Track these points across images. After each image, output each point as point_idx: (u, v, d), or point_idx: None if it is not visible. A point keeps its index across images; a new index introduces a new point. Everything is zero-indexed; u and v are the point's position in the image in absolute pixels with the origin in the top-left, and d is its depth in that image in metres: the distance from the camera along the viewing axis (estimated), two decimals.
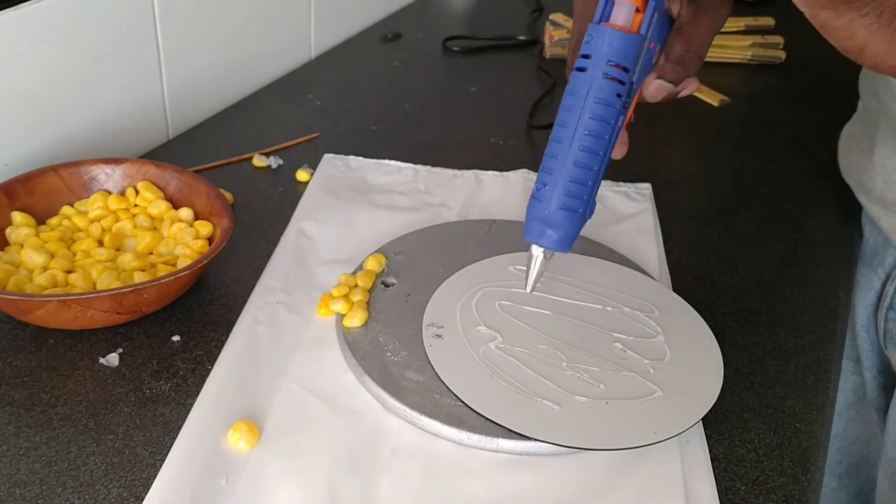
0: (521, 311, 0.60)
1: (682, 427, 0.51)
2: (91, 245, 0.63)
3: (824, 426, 0.55)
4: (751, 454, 0.52)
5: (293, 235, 0.69)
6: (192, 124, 0.89)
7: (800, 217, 0.78)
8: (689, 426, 0.52)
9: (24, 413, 0.52)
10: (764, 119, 0.98)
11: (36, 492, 0.47)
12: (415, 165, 0.81)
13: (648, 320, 0.60)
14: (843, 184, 0.81)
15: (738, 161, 0.88)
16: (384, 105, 0.94)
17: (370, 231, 0.70)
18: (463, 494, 0.48)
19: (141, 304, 0.57)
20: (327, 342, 0.58)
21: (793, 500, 0.50)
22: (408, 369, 0.55)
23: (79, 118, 0.77)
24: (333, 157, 0.81)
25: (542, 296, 0.61)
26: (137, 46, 0.80)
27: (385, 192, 0.76)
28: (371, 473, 0.49)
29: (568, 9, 1.14)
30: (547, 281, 0.63)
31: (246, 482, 0.48)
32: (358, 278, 0.62)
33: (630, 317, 0.60)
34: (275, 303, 0.62)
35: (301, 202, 0.74)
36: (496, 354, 0.56)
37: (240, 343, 0.58)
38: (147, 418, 0.52)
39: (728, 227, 0.76)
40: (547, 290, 0.62)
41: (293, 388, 0.54)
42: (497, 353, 0.56)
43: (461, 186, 0.78)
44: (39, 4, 0.69)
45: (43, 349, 0.57)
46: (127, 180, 0.69)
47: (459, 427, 0.51)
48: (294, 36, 1.04)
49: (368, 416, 0.53)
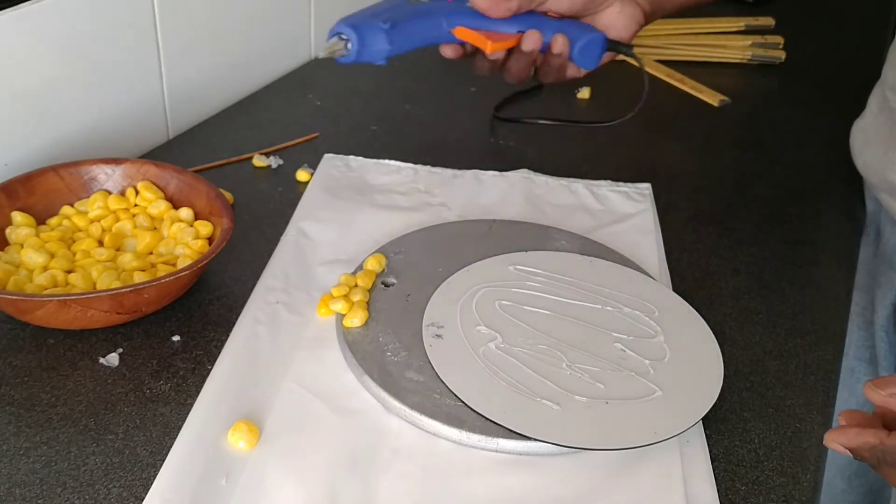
0: (521, 311, 0.60)
1: (682, 427, 0.51)
2: (91, 245, 0.63)
3: (824, 426, 0.55)
4: (751, 454, 0.52)
5: (293, 235, 0.69)
6: (192, 124, 0.89)
7: (800, 217, 0.78)
8: (689, 426, 0.52)
9: (24, 413, 0.52)
10: (764, 119, 0.98)
11: (36, 492, 0.47)
12: (415, 165, 0.81)
13: (648, 320, 0.60)
14: (843, 184, 0.81)
15: (738, 161, 0.88)
16: (384, 105, 0.94)
17: (370, 231, 0.70)
18: (463, 494, 0.48)
19: (141, 304, 0.57)
20: (327, 342, 0.58)
21: (793, 500, 0.50)
22: (408, 369, 0.55)
23: (79, 118, 0.77)
24: (333, 157, 0.81)
25: (542, 296, 0.61)
26: (137, 46, 0.80)
27: (385, 192, 0.76)
28: (371, 473, 0.49)
29: None
30: (547, 281, 0.63)
31: (246, 482, 0.48)
32: (358, 278, 0.62)
33: (630, 317, 0.60)
34: (275, 302, 0.62)
35: (301, 202, 0.74)
36: (496, 354, 0.56)
37: (240, 343, 0.58)
38: (147, 418, 0.52)
39: (728, 227, 0.76)
40: (547, 289, 0.62)
41: (293, 387, 0.54)
42: (497, 353, 0.56)
43: (461, 186, 0.78)
44: (39, 4, 0.69)
45: (43, 349, 0.57)
46: (127, 180, 0.69)
47: (459, 427, 0.51)
48: (294, 36, 1.04)
49: (368, 415, 0.53)
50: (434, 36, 0.69)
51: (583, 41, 0.69)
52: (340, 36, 0.66)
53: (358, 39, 0.65)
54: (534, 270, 0.64)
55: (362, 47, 0.66)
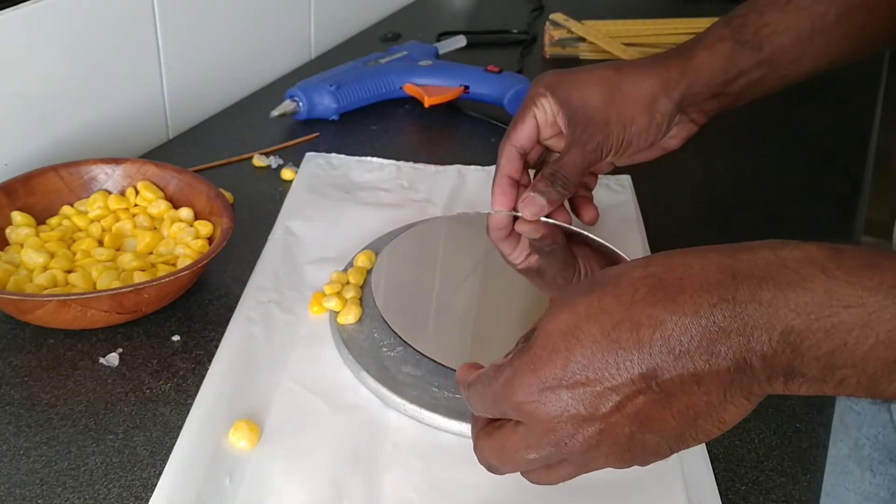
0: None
1: None
2: (91, 245, 0.63)
3: (824, 426, 0.55)
4: (751, 454, 0.52)
5: (280, 235, 0.69)
6: (192, 124, 0.89)
7: (799, 217, 0.78)
8: None
9: (24, 413, 0.52)
10: (764, 119, 0.97)
11: (36, 492, 0.47)
12: (397, 162, 0.81)
13: None
14: (842, 184, 0.81)
15: (738, 161, 0.88)
16: (384, 105, 0.94)
17: (357, 228, 0.70)
18: (465, 486, 0.48)
19: (141, 304, 0.57)
20: (322, 339, 0.58)
21: (793, 500, 0.50)
22: (405, 364, 0.55)
23: (79, 118, 0.77)
24: (316, 156, 0.81)
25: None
26: (137, 46, 0.80)
27: (369, 189, 0.77)
28: (374, 468, 0.49)
29: (569, 8, 1.14)
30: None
31: (250, 481, 0.48)
32: (349, 275, 0.62)
33: None
34: (267, 302, 0.62)
35: (286, 201, 0.74)
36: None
37: (235, 343, 0.58)
38: (147, 418, 0.52)
39: (727, 228, 0.75)
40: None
41: (291, 386, 0.55)
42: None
43: (444, 181, 0.78)
44: (39, 4, 0.69)
45: (43, 349, 0.57)
46: (127, 180, 0.69)
47: (459, 419, 0.51)
48: (294, 36, 1.04)
49: (368, 411, 0.53)
50: (385, 91, 0.91)
51: (512, 92, 0.88)
52: (293, 98, 0.87)
53: (307, 100, 0.86)
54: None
55: (311, 106, 0.87)
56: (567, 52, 1.10)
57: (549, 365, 0.37)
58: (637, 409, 0.36)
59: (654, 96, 0.60)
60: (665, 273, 0.37)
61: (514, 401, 0.38)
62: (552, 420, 0.37)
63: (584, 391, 0.36)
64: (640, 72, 0.61)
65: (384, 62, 0.94)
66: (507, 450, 0.40)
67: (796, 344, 0.34)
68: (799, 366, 0.35)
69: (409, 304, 0.60)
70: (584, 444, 0.37)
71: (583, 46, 1.10)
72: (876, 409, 0.76)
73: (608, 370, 0.36)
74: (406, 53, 0.96)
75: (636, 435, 0.37)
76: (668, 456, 0.38)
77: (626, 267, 0.38)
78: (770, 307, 0.34)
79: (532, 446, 0.38)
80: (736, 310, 0.35)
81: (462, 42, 1.06)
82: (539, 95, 0.61)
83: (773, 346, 0.35)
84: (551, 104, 0.61)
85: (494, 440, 0.40)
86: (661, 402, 0.36)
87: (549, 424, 0.37)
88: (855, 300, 0.34)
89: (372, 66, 0.93)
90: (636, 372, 0.36)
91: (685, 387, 0.36)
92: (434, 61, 0.95)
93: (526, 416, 0.38)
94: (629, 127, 0.60)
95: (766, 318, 0.34)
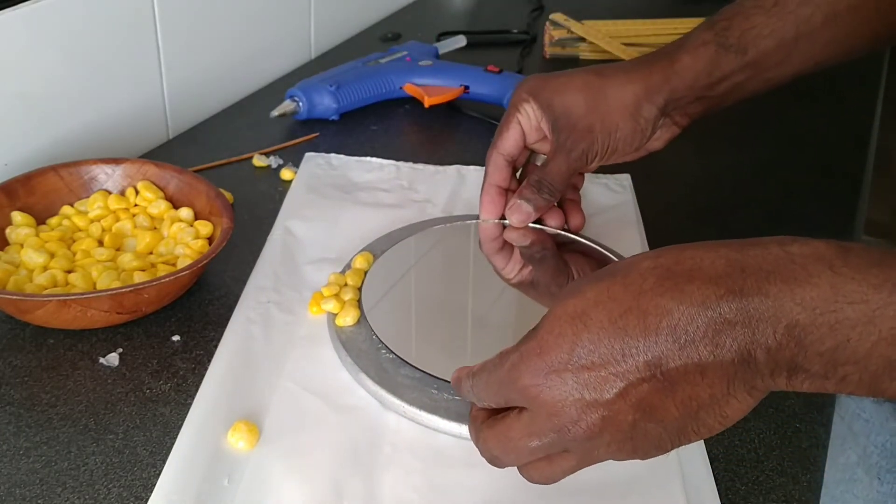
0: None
1: None
2: (91, 245, 0.63)
3: (824, 426, 0.55)
4: (751, 454, 0.52)
5: (280, 235, 0.69)
6: (192, 124, 0.89)
7: (799, 217, 0.78)
8: None
9: (24, 413, 0.52)
10: (763, 118, 0.97)
11: (36, 492, 0.47)
12: (397, 162, 0.81)
13: None
14: (842, 183, 0.81)
15: (737, 160, 0.88)
16: (384, 105, 0.94)
17: (356, 228, 0.70)
18: (464, 487, 0.48)
19: (141, 304, 0.57)
20: (321, 340, 0.58)
21: (793, 500, 0.50)
22: (403, 366, 0.55)
23: (79, 118, 0.77)
24: (315, 156, 0.81)
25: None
26: (137, 46, 0.80)
27: (369, 190, 0.77)
28: (373, 469, 0.49)
29: (569, 8, 1.14)
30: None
31: (248, 482, 0.48)
32: (348, 277, 0.62)
33: None
34: (266, 302, 0.62)
35: (286, 201, 0.74)
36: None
37: (234, 343, 0.58)
38: (147, 418, 0.52)
39: (727, 228, 0.75)
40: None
41: (290, 386, 0.54)
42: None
43: (444, 181, 0.78)
44: (39, 4, 0.69)
45: (43, 349, 0.57)
46: (127, 180, 0.69)
47: (459, 421, 0.51)
48: (294, 36, 1.04)
49: (366, 412, 0.53)
50: (385, 92, 0.92)
51: (511, 92, 0.90)
52: (293, 98, 0.87)
53: (307, 100, 0.87)
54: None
55: (311, 106, 0.87)
56: (567, 52, 1.10)
57: (555, 349, 0.37)
58: (641, 397, 0.36)
59: (637, 102, 0.60)
60: (674, 265, 0.37)
61: (520, 384, 0.38)
62: (556, 404, 0.37)
63: (590, 376, 0.37)
64: (623, 76, 0.61)
65: (384, 62, 0.94)
66: (511, 437, 0.40)
67: (800, 338, 0.35)
68: (802, 361, 0.35)
69: (398, 314, 0.60)
70: (587, 430, 0.37)
71: (583, 46, 1.10)
72: (884, 418, 0.76)
73: (614, 356, 0.36)
74: (406, 53, 0.96)
75: (639, 423, 0.37)
76: (669, 450, 0.38)
77: (637, 258, 0.39)
78: (776, 301, 0.35)
79: (535, 433, 0.39)
80: (742, 302, 0.35)
81: (462, 42, 1.06)
82: (522, 101, 0.61)
83: (777, 340, 0.35)
84: (534, 109, 0.61)
85: (497, 430, 0.40)
86: (665, 391, 0.36)
87: (554, 408, 0.37)
88: (859, 297, 0.34)
89: (372, 66, 0.93)
90: (641, 359, 0.36)
91: (689, 376, 0.36)
92: (434, 61, 0.95)
93: (531, 400, 0.38)
94: (614, 134, 0.60)
95: (771, 311, 0.35)
